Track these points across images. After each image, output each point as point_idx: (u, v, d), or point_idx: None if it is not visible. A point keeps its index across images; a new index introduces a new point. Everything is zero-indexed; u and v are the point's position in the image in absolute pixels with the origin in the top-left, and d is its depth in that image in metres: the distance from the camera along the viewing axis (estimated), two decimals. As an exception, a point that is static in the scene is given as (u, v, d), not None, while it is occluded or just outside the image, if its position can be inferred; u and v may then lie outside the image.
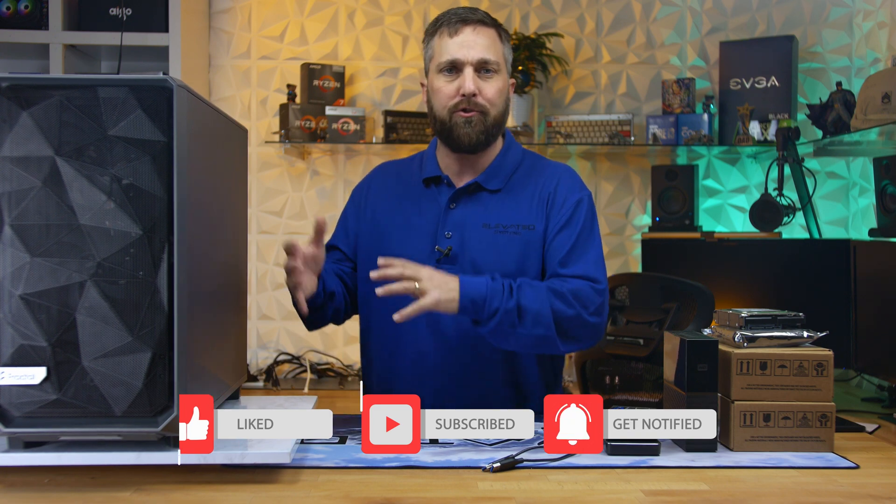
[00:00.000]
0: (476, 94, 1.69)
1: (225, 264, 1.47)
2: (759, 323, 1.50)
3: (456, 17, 1.72)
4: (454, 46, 1.70)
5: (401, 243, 1.75)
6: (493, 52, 1.71)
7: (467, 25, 1.71)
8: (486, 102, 1.71)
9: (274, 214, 3.21)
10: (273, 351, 3.17)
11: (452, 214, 1.76)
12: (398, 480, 1.27)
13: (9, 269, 1.17)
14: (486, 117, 1.72)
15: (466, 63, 1.69)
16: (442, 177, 1.79)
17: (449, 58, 1.70)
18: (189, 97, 1.21)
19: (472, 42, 1.70)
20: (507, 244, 1.73)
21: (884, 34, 2.93)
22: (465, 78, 1.69)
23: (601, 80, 3.26)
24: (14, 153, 1.17)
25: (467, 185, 1.77)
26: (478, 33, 1.71)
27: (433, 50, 1.75)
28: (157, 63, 2.93)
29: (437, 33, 1.74)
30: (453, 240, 1.74)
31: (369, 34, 3.22)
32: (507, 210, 1.76)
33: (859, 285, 2.20)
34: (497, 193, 1.77)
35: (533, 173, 1.81)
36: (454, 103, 1.71)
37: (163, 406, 1.18)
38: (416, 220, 1.77)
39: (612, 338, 2.06)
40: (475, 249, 1.73)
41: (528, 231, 1.75)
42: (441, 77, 1.72)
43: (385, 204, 1.82)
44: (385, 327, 1.74)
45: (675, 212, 3.05)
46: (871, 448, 1.53)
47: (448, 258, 1.73)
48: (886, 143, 2.62)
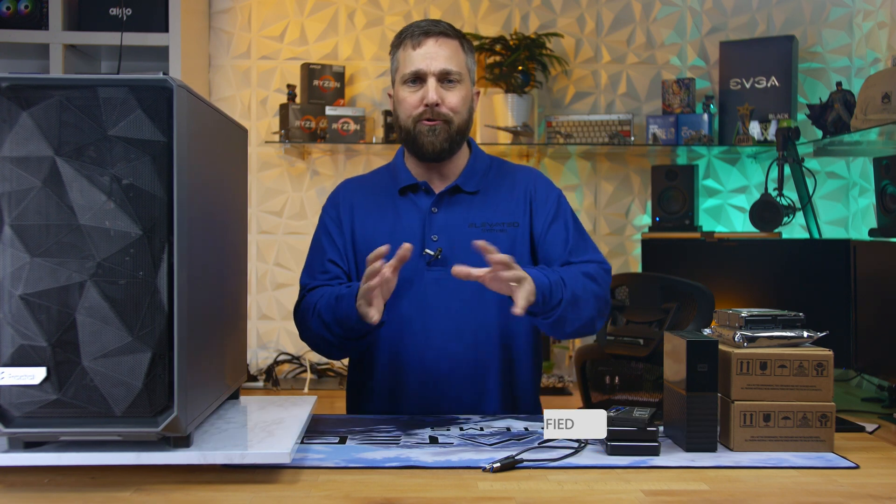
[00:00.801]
0: (439, 103, 1.74)
1: (225, 264, 1.47)
2: (759, 323, 1.50)
3: (419, 31, 1.76)
4: (417, 58, 1.74)
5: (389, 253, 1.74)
6: (454, 63, 1.76)
7: (430, 38, 1.75)
8: (449, 111, 1.75)
9: (274, 214, 3.21)
10: (273, 351, 3.17)
11: (436, 218, 1.78)
12: (398, 480, 1.27)
13: (9, 269, 1.17)
14: (450, 126, 1.76)
15: (429, 74, 1.74)
16: (419, 184, 1.81)
17: (412, 69, 1.74)
18: (189, 97, 1.21)
19: (435, 53, 1.74)
20: (496, 242, 1.74)
21: (884, 34, 2.93)
22: (429, 88, 1.73)
23: (601, 80, 3.26)
24: (14, 153, 1.17)
25: (448, 188, 1.80)
26: (440, 45, 1.75)
27: (398, 62, 1.79)
28: (157, 63, 2.93)
29: (402, 46, 1.78)
30: (442, 242, 1.76)
31: (369, 34, 3.22)
32: (490, 209, 1.80)
33: (859, 285, 2.20)
34: (476, 195, 1.81)
35: (504, 174, 1.86)
36: (418, 112, 1.75)
37: (163, 406, 1.18)
38: (399, 228, 1.78)
39: (612, 338, 2.06)
40: (465, 250, 1.73)
41: (513, 228, 1.79)
42: (405, 88, 1.77)
43: (362, 217, 1.82)
44: (389, 332, 1.74)
45: (675, 212, 3.05)
46: (871, 448, 1.53)
47: (438, 260, 1.75)
48: (886, 143, 2.62)
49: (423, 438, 1.50)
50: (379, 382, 1.79)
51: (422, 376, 1.75)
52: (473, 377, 1.76)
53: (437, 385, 1.75)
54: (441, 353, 1.75)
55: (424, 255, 1.76)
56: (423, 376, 1.75)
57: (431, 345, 1.75)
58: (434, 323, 1.75)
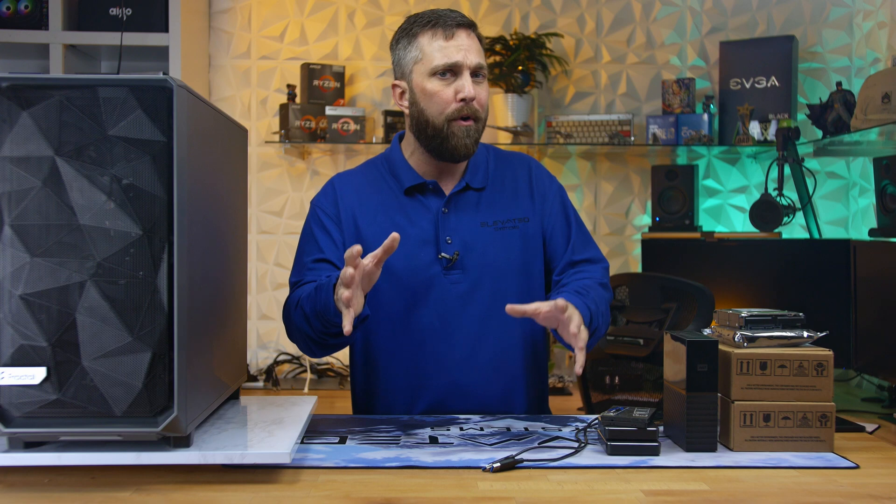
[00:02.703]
0: (475, 98, 1.66)
1: (225, 264, 1.46)
2: (759, 323, 1.50)
3: (451, 21, 1.67)
4: (453, 49, 1.65)
5: (403, 255, 1.68)
6: (483, 58, 1.70)
7: (462, 29, 1.67)
8: (479, 108, 1.68)
9: (274, 214, 3.21)
10: (273, 351, 3.17)
11: (448, 219, 1.72)
12: (398, 480, 1.27)
13: (9, 269, 1.17)
14: (479, 124, 1.70)
15: (465, 66, 1.65)
16: (427, 183, 1.73)
17: (449, 60, 1.65)
18: (189, 97, 1.21)
19: (469, 46, 1.67)
20: (510, 239, 1.74)
21: (884, 34, 2.93)
22: (466, 82, 1.65)
23: (601, 80, 3.26)
24: (14, 153, 1.17)
25: (459, 188, 1.74)
26: (471, 38, 1.69)
27: (422, 51, 1.67)
28: (157, 63, 2.93)
29: (427, 34, 1.67)
30: (456, 244, 1.71)
31: (369, 34, 3.22)
32: (499, 206, 1.76)
33: (859, 285, 2.20)
34: (483, 191, 1.76)
35: (502, 165, 1.81)
36: (454, 110, 1.65)
37: (163, 406, 1.18)
38: (412, 231, 1.71)
39: (612, 338, 2.06)
40: (480, 250, 1.71)
41: (524, 224, 1.76)
42: (436, 80, 1.66)
43: (368, 217, 1.73)
44: (401, 334, 1.71)
45: (675, 212, 3.05)
46: (871, 448, 1.53)
47: (456, 264, 1.70)
48: (886, 143, 2.62)
49: (423, 438, 1.50)
50: (398, 390, 1.73)
51: (447, 384, 1.70)
52: (500, 382, 1.72)
53: (463, 392, 1.70)
54: (466, 359, 1.70)
55: (441, 258, 1.70)
56: (449, 384, 1.70)
57: (455, 351, 1.70)
58: (457, 329, 1.70)
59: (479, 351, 1.71)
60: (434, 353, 1.70)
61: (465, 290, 1.70)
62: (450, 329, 1.70)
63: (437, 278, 1.70)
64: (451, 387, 1.70)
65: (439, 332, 1.70)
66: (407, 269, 1.69)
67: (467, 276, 1.70)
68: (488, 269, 1.71)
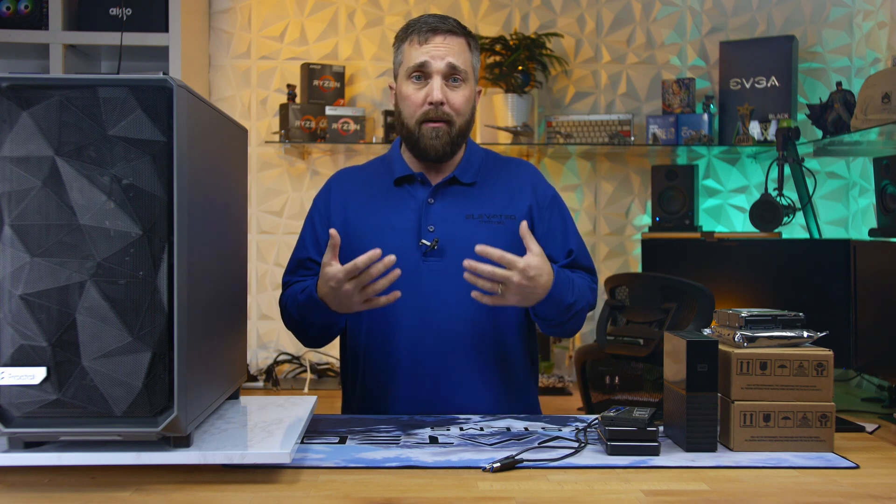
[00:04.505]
0: (443, 102, 1.72)
1: (225, 264, 1.46)
2: (759, 323, 1.50)
3: (426, 27, 1.74)
4: (422, 53, 1.73)
5: (383, 244, 1.69)
6: (461, 61, 1.74)
7: (437, 35, 1.74)
8: (452, 112, 1.73)
9: (274, 214, 3.21)
10: (273, 351, 3.17)
11: (433, 209, 1.77)
12: (398, 480, 1.27)
13: (9, 269, 1.17)
14: (452, 127, 1.74)
15: (434, 71, 1.72)
16: (415, 175, 1.79)
17: (417, 61, 1.72)
18: (189, 97, 1.21)
19: (445, 51, 1.73)
20: (494, 233, 1.75)
21: (884, 34, 2.93)
22: (434, 86, 1.72)
23: (601, 80, 3.26)
24: (14, 153, 1.17)
25: (445, 180, 1.78)
26: (447, 42, 1.74)
27: (402, 56, 1.77)
28: (157, 63, 2.93)
29: (408, 40, 1.76)
30: (438, 233, 1.75)
31: (369, 34, 3.22)
32: (487, 201, 1.79)
33: (859, 285, 2.20)
34: (472, 186, 1.81)
35: (499, 167, 1.86)
36: (422, 112, 1.73)
37: (163, 406, 1.18)
38: (395, 219, 1.77)
39: (612, 338, 2.06)
40: (462, 241, 1.73)
41: (511, 221, 1.78)
42: (409, 83, 1.75)
43: (356, 209, 1.81)
44: (377, 323, 1.75)
45: (675, 212, 3.05)
46: (871, 448, 1.53)
47: (435, 252, 1.74)
48: (886, 143, 2.62)
49: (423, 438, 1.50)
50: (370, 375, 1.77)
51: (415, 368, 1.73)
52: (466, 368, 1.74)
53: (431, 375, 1.73)
54: (436, 343, 1.73)
55: (421, 245, 1.74)
56: (416, 368, 1.73)
57: (427, 335, 1.73)
58: (429, 313, 1.73)
59: (454, 337, 1.73)
60: (407, 335, 1.74)
61: (442, 276, 1.73)
62: (423, 314, 1.73)
63: (415, 265, 1.73)
64: (418, 371, 1.73)
65: (412, 316, 1.73)
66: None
67: (446, 263, 1.73)
68: (468, 257, 1.71)
